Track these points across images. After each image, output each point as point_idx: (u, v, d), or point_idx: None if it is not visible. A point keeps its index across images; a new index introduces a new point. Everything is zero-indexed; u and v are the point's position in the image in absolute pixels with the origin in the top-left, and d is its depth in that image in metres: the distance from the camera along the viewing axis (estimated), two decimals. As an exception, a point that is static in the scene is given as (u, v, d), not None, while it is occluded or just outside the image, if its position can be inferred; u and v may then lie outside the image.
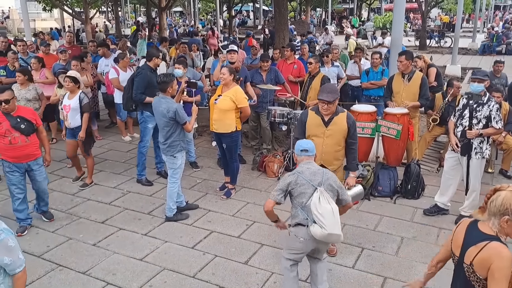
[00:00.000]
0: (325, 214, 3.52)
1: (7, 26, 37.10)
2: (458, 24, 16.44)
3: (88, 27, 21.31)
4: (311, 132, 4.68)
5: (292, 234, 3.80)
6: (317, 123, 4.65)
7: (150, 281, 4.45)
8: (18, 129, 5.05)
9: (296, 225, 3.74)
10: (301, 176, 3.68)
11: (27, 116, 5.19)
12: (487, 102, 5.15)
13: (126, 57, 8.48)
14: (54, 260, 4.81)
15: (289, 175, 3.75)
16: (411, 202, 6.08)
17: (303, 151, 3.82)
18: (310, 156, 3.84)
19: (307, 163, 3.79)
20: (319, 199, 3.56)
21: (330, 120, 4.61)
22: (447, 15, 43.68)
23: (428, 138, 7.26)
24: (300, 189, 3.67)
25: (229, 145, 6.12)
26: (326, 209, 3.53)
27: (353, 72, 9.08)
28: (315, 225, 3.57)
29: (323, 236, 3.56)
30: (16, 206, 5.33)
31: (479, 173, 5.33)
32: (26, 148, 5.14)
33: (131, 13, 54.31)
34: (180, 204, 5.84)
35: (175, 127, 5.43)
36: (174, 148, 5.48)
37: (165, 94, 5.49)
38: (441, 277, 3.34)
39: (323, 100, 4.47)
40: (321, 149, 4.57)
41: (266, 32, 21.53)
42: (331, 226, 3.52)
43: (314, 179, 3.67)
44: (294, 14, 44.88)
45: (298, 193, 3.69)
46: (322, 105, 4.52)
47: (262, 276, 4.52)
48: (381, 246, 5.04)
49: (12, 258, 2.78)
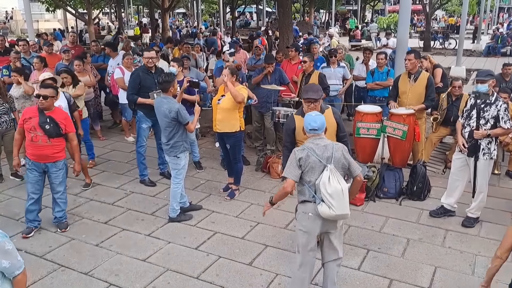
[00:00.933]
0: (334, 195, 3.48)
1: (10, 26, 37.21)
2: (463, 26, 16.35)
3: (91, 28, 21.33)
4: (302, 136, 4.32)
5: (300, 212, 3.75)
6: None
7: (153, 282, 4.40)
8: (43, 128, 5.01)
9: (303, 202, 3.71)
10: (311, 152, 3.60)
11: (58, 119, 5.10)
12: (494, 102, 5.08)
13: (127, 57, 8.42)
14: (56, 260, 4.77)
15: (298, 150, 3.65)
16: (417, 203, 6.02)
17: (312, 130, 3.70)
18: (319, 133, 3.72)
19: (316, 139, 3.69)
20: (328, 178, 3.50)
21: None
22: (451, 16, 43.60)
23: (434, 139, 7.19)
24: (309, 166, 3.59)
25: (232, 145, 6.08)
26: (335, 189, 3.48)
27: (360, 73, 9.01)
28: (323, 204, 3.53)
29: (331, 216, 3.54)
30: (28, 206, 5.26)
31: (487, 174, 5.26)
32: (45, 149, 5.08)
33: (134, 14, 54.39)
34: (184, 204, 5.79)
35: (177, 128, 5.38)
36: (177, 148, 5.43)
37: (167, 94, 5.43)
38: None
39: (309, 98, 4.34)
40: None
41: (270, 34, 21.51)
42: (340, 207, 3.50)
43: (323, 155, 3.59)
44: (297, 15, 44.85)
45: (307, 170, 3.61)
46: (308, 105, 4.36)
47: (266, 277, 4.47)
48: (386, 247, 4.98)
49: (10, 261, 2.73)
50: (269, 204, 3.98)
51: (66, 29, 29.39)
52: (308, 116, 3.79)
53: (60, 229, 5.39)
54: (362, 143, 6.54)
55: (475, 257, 4.77)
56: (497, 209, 5.80)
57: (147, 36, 26.49)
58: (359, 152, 6.77)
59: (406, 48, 7.37)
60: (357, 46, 25.39)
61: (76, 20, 31.15)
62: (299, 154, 3.61)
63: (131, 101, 6.57)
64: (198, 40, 18.47)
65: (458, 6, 38.81)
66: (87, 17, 21.53)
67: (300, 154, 3.61)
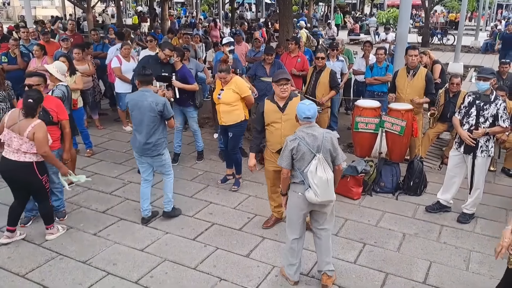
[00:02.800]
0: (319, 184, 3.80)
1: (7, 12, 36.88)
2: (462, 22, 16.35)
3: (89, 16, 21.14)
4: (269, 120, 4.81)
5: (291, 190, 4.09)
6: (273, 109, 4.76)
7: (151, 272, 4.43)
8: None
9: (294, 183, 4.05)
10: (302, 142, 3.86)
11: (47, 106, 5.02)
12: (494, 101, 5.11)
13: (125, 46, 8.38)
14: (55, 249, 4.79)
15: (291, 140, 3.91)
16: (413, 198, 6.07)
17: (305, 118, 3.94)
18: (311, 121, 3.97)
19: (308, 127, 3.95)
20: (316, 168, 3.80)
21: (285, 105, 4.73)
22: (450, 12, 43.53)
23: (431, 135, 7.23)
24: (300, 155, 3.88)
25: (235, 134, 6.11)
26: (321, 179, 3.79)
27: (360, 67, 8.99)
28: (310, 190, 3.86)
29: (316, 201, 3.87)
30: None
31: (484, 171, 5.31)
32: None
33: (133, 3, 53.98)
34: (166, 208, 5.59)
35: (159, 123, 5.12)
36: (160, 146, 5.19)
37: (148, 87, 5.20)
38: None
39: (284, 79, 4.61)
40: (280, 133, 4.73)
41: (269, 26, 21.43)
42: (324, 194, 3.83)
43: (313, 145, 3.86)
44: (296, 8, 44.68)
45: (298, 159, 3.90)
46: (281, 86, 4.62)
47: (263, 269, 4.51)
48: (383, 242, 5.03)
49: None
50: (283, 197, 4.27)
51: (64, 17, 29.14)
52: (301, 105, 4.00)
53: (58, 218, 5.38)
54: (360, 137, 6.57)
55: (470, 253, 4.82)
56: (492, 206, 5.86)
57: (146, 26, 26.31)
58: (357, 146, 6.80)
59: (405, 44, 7.38)
60: (355, 40, 25.36)
61: (74, 8, 30.87)
62: (291, 145, 3.89)
63: (133, 84, 6.57)
64: (197, 31, 18.38)
65: (458, 2, 38.75)
66: (86, 5, 21.36)
67: (292, 145, 3.89)
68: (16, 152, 4.61)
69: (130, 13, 43.12)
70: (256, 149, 5.11)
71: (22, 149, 4.59)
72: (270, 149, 4.94)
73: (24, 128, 4.54)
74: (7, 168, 4.70)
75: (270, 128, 4.83)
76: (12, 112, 4.74)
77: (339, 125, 8.75)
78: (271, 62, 7.48)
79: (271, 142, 4.89)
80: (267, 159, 5.06)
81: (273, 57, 7.58)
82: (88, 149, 7.52)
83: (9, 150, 4.64)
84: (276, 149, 4.79)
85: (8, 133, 4.61)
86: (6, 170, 4.73)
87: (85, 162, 7.15)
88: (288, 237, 4.19)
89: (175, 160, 7.18)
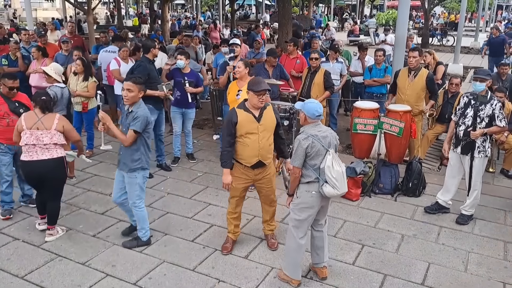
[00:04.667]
0: (338, 177, 3.92)
1: (8, 14, 36.92)
2: (461, 23, 16.36)
3: (90, 18, 21.16)
4: (244, 131, 4.41)
5: (302, 191, 4.08)
6: (249, 119, 4.42)
7: (149, 273, 4.44)
8: (17, 113, 5.16)
9: (307, 182, 4.04)
10: (315, 139, 3.93)
11: (25, 101, 5.36)
12: (489, 101, 5.13)
13: (124, 48, 8.40)
14: (54, 250, 4.80)
15: (304, 139, 3.94)
16: (412, 200, 6.07)
17: (318, 116, 4.00)
18: (320, 119, 4.07)
19: (316, 125, 4.03)
20: (332, 163, 3.91)
21: (260, 115, 4.46)
22: (450, 13, 43.57)
23: (430, 136, 7.24)
24: (315, 151, 3.94)
25: None
26: (338, 172, 3.92)
27: (356, 69, 9.03)
28: (327, 185, 3.95)
29: (335, 195, 3.99)
30: (4, 188, 5.42)
31: (481, 171, 5.32)
32: None
33: (133, 4, 54.03)
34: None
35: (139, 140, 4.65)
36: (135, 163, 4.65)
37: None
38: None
39: (264, 90, 4.34)
40: (258, 145, 4.45)
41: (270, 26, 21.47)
42: (342, 187, 3.97)
43: (325, 141, 3.97)
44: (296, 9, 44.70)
45: (313, 156, 3.96)
46: (260, 97, 4.35)
47: (262, 270, 4.51)
48: (381, 243, 5.03)
49: None
50: (289, 198, 4.29)
51: (64, 19, 29.18)
52: (311, 104, 4.03)
53: (34, 204, 5.54)
54: (359, 138, 6.57)
55: (468, 254, 4.83)
56: (491, 207, 5.87)
57: (146, 27, 26.35)
58: (355, 147, 6.81)
59: (404, 45, 7.39)
60: (355, 41, 25.38)
61: (74, 10, 30.90)
62: (305, 143, 3.93)
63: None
64: (197, 32, 18.41)
65: (457, 3, 38.77)
66: (86, 6, 21.36)
67: (306, 143, 3.93)
68: (47, 149, 4.77)
69: (131, 14, 43.15)
70: (230, 164, 4.55)
71: (53, 141, 4.77)
72: (244, 163, 4.51)
73: (50, 122, 4.80)
74: (38, 170, 4.80)
75: (245, 140, 4.43)
76: (26, 114, 4.88)
77: (338, 127, 8.76)
78: (274, 65, 7.50)
79: (245, 155, 4.47)
80: (236, 176, 4.58)
81: (277, 59, 7.61)
82: (88, 149, 7.54)
83: (36, 150, 4.76)
84: (252, 163, 4.48)
85: (32, 133, 4.74)
86: (36, 171, 4.82)
87: (84, 163, 7.14)
88: (295, 238, 4.18)
89: (174, 162, 7.25)
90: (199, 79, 7.12)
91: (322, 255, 4.35)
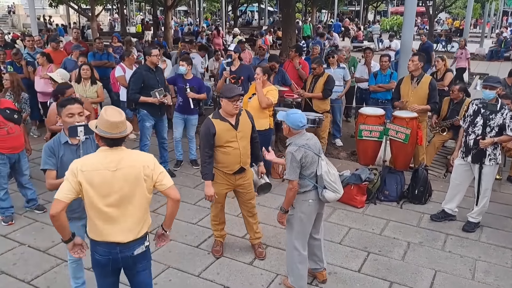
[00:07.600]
0: (336, 180, 3.96)
1: (12, 21, 37.12)
2: (467, 29, 16.36)
3: (94, 24, 21.31)
4: (223, 140, 4.38)
5: (299, 200, 4.01)
6: (226, 128, 4.39)
7: (154, 279, 4.41)
8: (12, 119, 5.20)
9: (304, 192, 4.00)
10: (306, 148, 3.88)
11: (12, 106, 5.39)
12: (500, 110, 5.07)
13: (131, 55, 8.44)
14: (59, 255, 4.80)
15: (296, 151, 3.84)
16: (418, 207, 6.04)
17: (303, 127, 3.93)
18: (304, 129, 4.01)
19: (302, 135, 3.96)
20: (327, 168, 3.94)
21: (237, 122, 4.44)
22: (455, 19, 43.60)
23: (437, 143, 7.20)
24: (309, 161, 3.90)
25: (261, 143, 6.09)
26: (335, 176, 3.97)
27: (362, 75, 9.00)
28: (327, 191, 3.95)
29: (336, 198, 4.01)
30: (1, 196, 5.43)
31: (492, 179, 5.28)
32: (20, 138, 5.35)
33: (136, 11, 54.30)
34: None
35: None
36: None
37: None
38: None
39: (238, 95, 4.30)
40: (239, 152, 4.44)
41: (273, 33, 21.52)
42: (341, 189, 4.01)
43: (315, 148, 3.95)
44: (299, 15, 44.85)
45: (308, 165, 3.91)
46: (234, 103, 4.30)
47: (267, 277, 4.49)
48: (387, 250, 5.00)
49: None
50: (283, 215, 4.08)
51: (68, 25, 29.37)
52: (294, 115, 3.91)
53: (41, 210, 5.67)
54: (364, 145, 6.56)
55: (475, 262, 4.79)
56: (498, 215, 5.82)
57: (149, 34, 26.47)
58: (361, 154, 6.79)
59: (409, 52, 7.38)
60: (359, 47, 25.40)
61: (78, 16, 31.09)
62: (299, 155, 3.83)
63: (133, 100, 6.56)
64: (201, 39, 18.48)
65: (462, 9, 38.78)
66: (90, 13, 21.51)
67: (299, 155, 3.83)
68: None
69: (134, 21, 43.34)
70: (211, 176, 4.51)
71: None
72: (225, 171, 4.52)
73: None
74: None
75: (226, 148, 4.42)
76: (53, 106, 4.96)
77: (342, 133, 8.74)
78: (276, 71, 7.53)
79: (227, 163, 4.48)
80: (218, 183, 4.57)
81: (278, 65, 7.64)
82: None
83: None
84: (234, 170, 4.50)
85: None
86: None
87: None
88: (299, 250, 4.11)
89: (177, 165, 7.33)
90: (202, 86, 7.07)
91: (321, 262, 4.37)
